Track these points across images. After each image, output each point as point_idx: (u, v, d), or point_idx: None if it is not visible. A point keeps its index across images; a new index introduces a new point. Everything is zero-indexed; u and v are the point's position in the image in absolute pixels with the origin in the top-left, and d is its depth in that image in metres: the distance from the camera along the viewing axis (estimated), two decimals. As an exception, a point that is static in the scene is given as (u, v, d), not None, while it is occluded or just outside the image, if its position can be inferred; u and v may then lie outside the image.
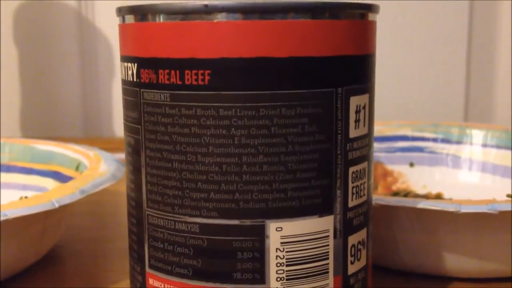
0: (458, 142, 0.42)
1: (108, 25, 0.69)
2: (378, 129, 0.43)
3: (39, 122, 0.71)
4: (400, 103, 0.67)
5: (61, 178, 0.36)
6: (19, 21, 0.69)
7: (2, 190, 0.38)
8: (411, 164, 0.42)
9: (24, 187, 0.38)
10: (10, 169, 0.39)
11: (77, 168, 0.35)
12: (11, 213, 0.25)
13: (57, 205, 0.26)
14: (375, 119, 0.49)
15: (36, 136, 0.69)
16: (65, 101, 0.71)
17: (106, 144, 0.61)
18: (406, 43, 0.66)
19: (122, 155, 0.50)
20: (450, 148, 0.42)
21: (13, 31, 0.69)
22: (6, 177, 0.38)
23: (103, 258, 0.33)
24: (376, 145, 0.43)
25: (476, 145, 0.41)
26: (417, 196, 0.39)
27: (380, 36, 0.64)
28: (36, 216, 0.27)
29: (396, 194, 0.40)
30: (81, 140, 0.65)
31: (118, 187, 0.46)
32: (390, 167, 0.42)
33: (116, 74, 0.70)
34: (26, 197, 0.33)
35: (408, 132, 0.43)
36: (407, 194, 0.39)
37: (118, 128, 0.71)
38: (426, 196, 0.39)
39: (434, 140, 0.42)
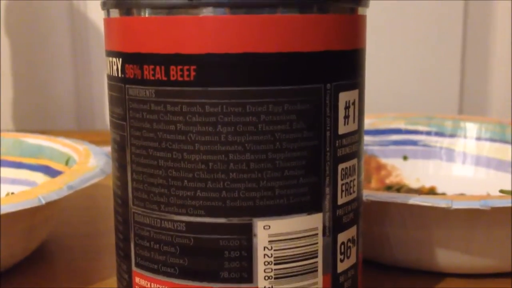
0: (452, 135, 0.41)
1: (100, 17, 0.68)
2: (372, 122, 0.43)
3: (32, 115, 0.70)
4: (394, 95, 0.67)
5: (51, 172, 0.36)
6: (10, 13, 0.69)
7: (-9, 185, 0.38)
8: (405, 158, 0.42)
9: (14, 182, 0.37)
10: (-1, 163, 0.38)
11: (66, 163, 0.35)
12: (-4, 210, 0.24)
13: (43, 202, 0.25)
14: (368, 112, 0.48)
15: (28, 128, 0.69)
16: (57, 94, 0.70)
17: (98, 136, 0.61)
18: (400, 34, 0.66)
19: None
20: (444, 141, 0.41)
21: (4, 23, 0.69)
22: (-4, 171, 0.38)
23: (94, 253, 0.32)
24: (369, 138, 0.42)
25: (470, 138, 0.41)
26: (410, 190, 0.39)
27: (374, 28, 0.64)
28: (23, 212, 0.27)
29: (389, 188, 0.40)
30: (73, 133, 0.65)
31: (110, 182, 0.46)
32: (383, 160, 0.42)
33: (109, 66, 0.69)
34: (12, 193, 0.32)
35: (402, 125, 0.43)
36: (400, 188, 0.39)
37: (111, 120, 0.70)
38: (419, 190, 0.39)
39: (428, 133, 0.42)
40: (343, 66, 0.19)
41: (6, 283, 0.29)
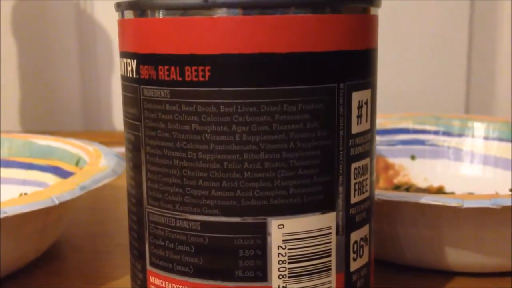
0: (460, 135, 0.41)
1: (107, 18, 0.69)
2: (379, 122, 0.43)
3: (39, 116, 0.71)
4: (400, 94, 0.67)
5: (61, 173, 0.36)
6: (18, 15, 0.69)
7: (1, 186, 0.38)
8: (413, 157, 0.42)
9: (24, 183, 0.37)
10: (9, 164, 0.38)
11: (77, 163, 0.35)
12: (10, 211, 0.24)
13: (57, 202, 0.26)
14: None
15: (35, 129, 0.69)
16: (64, 95, 0.70)
17: (106, 137, 0.61)
18: (407, 34, 0.66)
19: (122, 149, 0.50)
20: (452, 141, 0.41)
21: (12, 25, 0.69)
22: (6, 172, 0.38)
23: (105, 253, 0.33)
24: (377, 138, 0.42)
25: (477, 137, 0.41)
26: (418, 189, 0.39)
27: (381, 27, 0.64)
28: (36, 213, 0.27)
29: (397, 187, 0.40)
30: (80, 134, 0.65)
31: (119, 182, 0.46)
32: (391, 160, 0.42)
33: (116, 68, 0.69)
34: (25, 194, 0.33)
35: (409, 125, 0.43)
36: (408, 188, 0.39)
37: (118, 121, 0.70)
38: (428, 190, 0.39)
39: (436, 132, 0.42)
40: (356, 66, 0.20)
41: (18, 283, 0.29)
